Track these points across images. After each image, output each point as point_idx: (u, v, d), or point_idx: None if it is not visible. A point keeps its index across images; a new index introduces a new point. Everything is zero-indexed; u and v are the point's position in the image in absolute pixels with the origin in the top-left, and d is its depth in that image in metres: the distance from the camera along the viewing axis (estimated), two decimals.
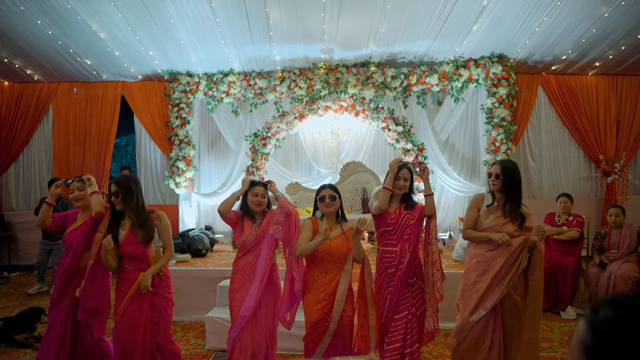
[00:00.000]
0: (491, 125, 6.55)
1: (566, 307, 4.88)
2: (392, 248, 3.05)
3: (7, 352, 3.96)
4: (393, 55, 6.50)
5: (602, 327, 0.77)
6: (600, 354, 0.75)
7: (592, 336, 0.77)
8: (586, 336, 0.78)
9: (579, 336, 0.80)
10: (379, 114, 6.60)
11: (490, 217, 3.01)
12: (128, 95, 7.30)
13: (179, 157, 6.99)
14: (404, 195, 3.13)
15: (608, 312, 0.77)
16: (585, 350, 0.77)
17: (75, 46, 6.14)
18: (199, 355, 3.82)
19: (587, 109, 6.99)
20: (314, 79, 6.75)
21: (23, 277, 6.72)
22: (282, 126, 6.74)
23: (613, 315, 0.77)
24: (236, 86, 6.92)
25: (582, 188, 7.21)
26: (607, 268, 4.90)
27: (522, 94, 6.87)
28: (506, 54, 6.48)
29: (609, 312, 0.77)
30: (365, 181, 6.64)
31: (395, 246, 3.04)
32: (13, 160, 7.44)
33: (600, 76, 7.04)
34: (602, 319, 0.77)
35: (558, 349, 3.94)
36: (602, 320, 0.77)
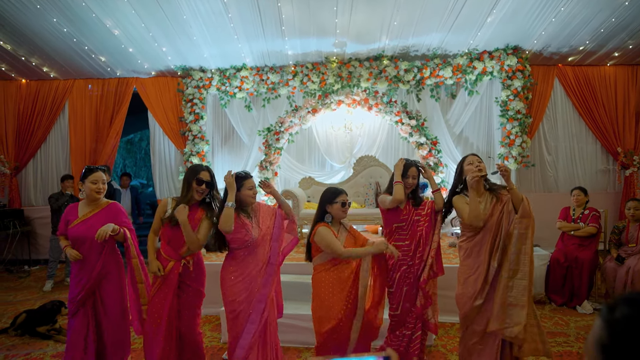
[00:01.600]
0: (506, 118, 6.48)
1: (582, 301, 4.82)
2: (404, 242, 3.12)
3: (31, 343, 4.07)
4: (406, 48, 6.45)
5: (618, 326, 0.76)
6: (616, 352, 0.75)
7: (608, 335, 0.77)
8: (602, 334, 0.78)
9: (595, 334, 0.80)
10: (392, 108, 6.56)
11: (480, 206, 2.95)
12: (142, 91, 7.37)
13: (192, 152, 7.05)
14: (412, 192, 3.22)
15: (625, 311, 0.77)
16: (601, 349, 0.77)
17: (90, 43, 6.21)
18: (215, 348, 3.87)
19: (605, 101, 6.86)
20: (327, 73, 6.73)
21: (43, 270, 6.86)
22: (295, 121, 6.75)
23: (630, 313, 0.76)
24: (249, 81, 6.93)
25: (599, 181, 7.10)
26: (625, 262, 4.82)
27: (537, 86, 6.77)
28: (521, 46, 6.38)
29: (625, 310, 0.77)
30: (379, 175, 6.62)
31: (405, 241, 3.12)
32: (31, 157, 7.59)
33: (619, 66, 6.89)
34: (619, 317, 0.77)
35: (574, 343, 3.91)
36: (618, 319, 0.77)
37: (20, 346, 3.99)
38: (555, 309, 4.86)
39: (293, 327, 3.84)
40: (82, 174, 3.06)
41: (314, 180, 6.82)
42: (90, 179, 3.01)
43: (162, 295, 2.89)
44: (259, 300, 2.82)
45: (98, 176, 3.03)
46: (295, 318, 3.85)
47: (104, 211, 3.07)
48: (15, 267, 7.00)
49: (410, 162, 3.19)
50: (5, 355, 3.79)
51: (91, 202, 3.07)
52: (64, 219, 3.06)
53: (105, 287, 3.04)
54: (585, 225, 5.00)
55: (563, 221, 5.21)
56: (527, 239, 2.79)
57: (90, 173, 3.03)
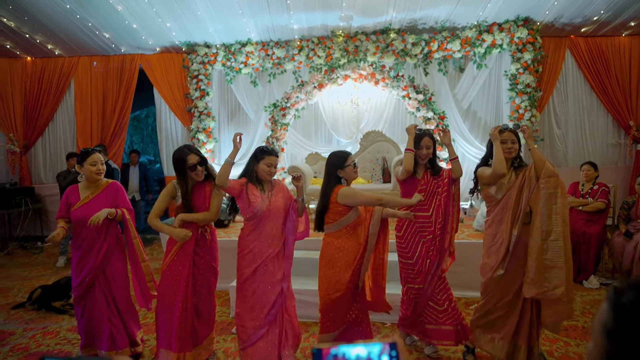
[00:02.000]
0: (515, 92, 6.37)
1: (589, 276, 4.85)
2: (425, 213, 3.09)
3: (47, 317, 4.20)
4: (413, 21, 6.31)
5: (625, 311, 0.76)
6: (622, 338, 0.75)
7: (614, 320, 0.76)
8: (608, 319, 0.77)
9: (601, 318, 0.80)
10: (399, 82, 6.47)
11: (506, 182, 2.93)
12: (147, 67, 7.33)
13: (199, 128, 7.04)
14: (429, 161, 3.16)
15: (632, 296, 0.76)
16: (606, 333, 0.77)
17: (93, 20, 6.15)
18: (225, 322, 3.97)
19: (619, 73, 6.70)
20: (333, 48, 6.63)
21: (55, 247, 6.99)
22: (301, 96, 6.69)
23: (637, 299, 0.76)
24: (254, 56, 6.85)
25: (610, 155, 7.01)
26: (634, 237, 4.81)
27: (548, 59, 6.62)
28: (532, 17, 6.21)
29: (632, 296, 0.76)
30: (386, 150, 6.59)
31: (428, 211, 3.09)
32: (39, 135, 7.64)
33: (634, 37, 6.70)
34: (626, 302, 0.76)
35: (580, 317, 3.94)
36: (625, 304, 0.76)
37: (38, 320, 4.12)
38: None
39: (301, 302, 3.90)
40: (79, 157, 3.06)
41: (320, 155, 6.81)
42: (89, 162, 3.03)
43: (178, 265, 2.93)
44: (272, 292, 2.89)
45: (96, 157, 3.05)
46: (303, 293, 3.92)
47: (104, 192, 3.11)
48: (28, 244, 7.15)
49: (423, 132, 3.11)
50: (24, 328, 3.93)
51: (91, 183, 3.09)
52: (65, 201, 3.08)
53: (113, 265, 3.11)
54: (593, 201, 4.98)
55: (572, 196, 5.18)
56: (558, 197, 2.68)
57: (87, 155, 3.05)
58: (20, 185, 7.44)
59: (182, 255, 2.94)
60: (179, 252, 2.94)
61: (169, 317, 2.93)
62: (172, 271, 2.94)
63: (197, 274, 3.02)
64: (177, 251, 2.94)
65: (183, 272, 2.93)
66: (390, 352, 0.80)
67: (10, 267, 6.08)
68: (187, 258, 2.94)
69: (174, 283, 2.93)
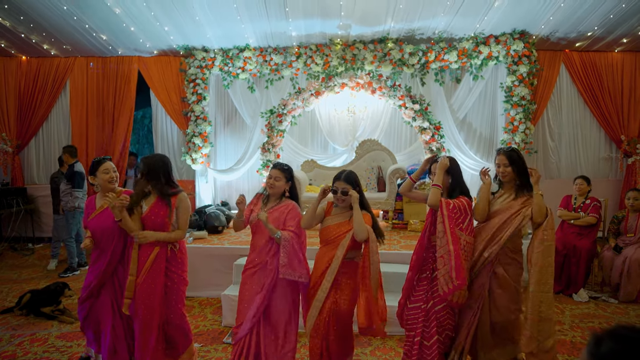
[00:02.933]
0: (510, 104, 6.43)
1: (579, 289, 4.90)
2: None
3: (36, 323, 4.16)
4: (411, 31, 6.35)
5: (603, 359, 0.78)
6: None
7: None
8: None
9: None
10: (396, 92, 6.51)
11: (500, 199, 3.00)
12: (144, 70, 7.30)
13: (195, 133, 7.03)
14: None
15: (610, 345, 0.79)
16: None
17: (90, 22, 6.12)
18: (216, 332, 3.95)
19: (611, 88, 6.80)
20: (331, 55, 6.65)
21: (47, 248, 6.94)
22: (298, 103, 6.70)
23: (615, 349, 0.78)
24: (252, 62, 6.86)
25: (602, 169, 7.10)
26: (622, 252, 4.89)
27: (543, 72, 6.70)
28: (528, 31, 6.28)
29: (611, 345, 0.79)
30: (381, 159, 6.63)
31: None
32: (33, 135, 7.58)
33: (627, 53, 6.81)
34: (604, 352, 0.79)
35: (568, 331, 3.98)
36: (604, 354, 0.79)
37: (26, 326, 4.08)
38: None
39: None
40: (92, 167, 3.07)
41: (316, 163, 6.82)
42: (102, 170, 3.03)
43: (150, 283, 2.89)
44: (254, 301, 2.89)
45: (108, 166, 3.06)
46: None
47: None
48: (19, 245, 7.09)
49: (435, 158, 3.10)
50: (11, 334, 3.88)
51: (106, 192, 3.05)
52: (86, 212, 3.12)
53: (120, 269, 3.09)
54: (585, 215, 5.03)
55: (564, 209, 5.24)
56: (552, 249, 2.84)
57: (99, 165, 3.05)
58: (12, 185, 7.37)
59: (154, 274, 2.91)
60: (150, 272, 2.90)
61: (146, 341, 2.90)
62: (143, 294, 2.89)
63: (170, 286, 3.00)
64: (148, 271, 2.89)
65: (156, 294, 2.91)
66: None
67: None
68: (159, 276, 2.93)
69: (149, 305, 2.89)
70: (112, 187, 3.07)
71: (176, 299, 3.03)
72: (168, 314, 3.00)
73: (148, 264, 2.91)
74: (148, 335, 2.91)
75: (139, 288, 2.91)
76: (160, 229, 2.95)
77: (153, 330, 2.91)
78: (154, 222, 2.93)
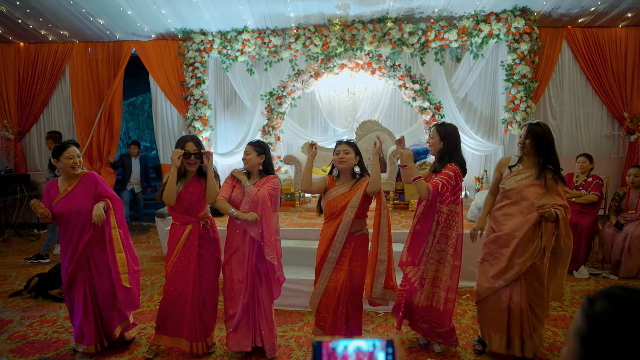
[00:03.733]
0: (511, 83, 6.38)
1: (579, 266, 4.93)
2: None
3: (45, 305, 4.24)
4: (411, 10, 6.27)
5: (597, 320, 0.80)
6: (594, 344, 0.79)
7: (587, 327, 0.81)
8: (582, 327, 0.82)
9: (575, 325, 0.84)
10: (396, 72, 6.46)
11: (518, 177, 2.96)
12: (142, 54, 7.26)
13: (195, 117, 7.03)
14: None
15: (604, 305, 0.80)
16: (580, 340, 0.81)
17: (87, 6, 6.07)
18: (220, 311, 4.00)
19: (614, 64, 6.71)
20: (330, 36, 6.59)
21: None
22: (298, 85, 6.67)
23: (608, 308, 0.80)
24: (250, 44, 6.81)
25: (604, 146, 7.06)
26: (624, 229, 4.90)
27: (544, 49, 6.62)
28: (530, 7, 6.19)
29: (605, 304, 0.80)
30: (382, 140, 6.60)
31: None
32: (35, 121, 7.59)
33: (631, 28, 6.69)
34: (598, 311, 0.80)
35: (569, 307, 4.03)
36: (598, 313, 0.80)
37: (35, 308, 4.16)
38: None
39: (295, 292, 3.96)
40: (55, 151, 3.04)
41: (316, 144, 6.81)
42: (65, 155, 3.01)
43: (184, 261, 2.99)
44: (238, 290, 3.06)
45: (72, 151, 3.03)
46: (297, 282, 3.97)
47: (80, 183, 3.09)
48: (24, 231, 7.17)
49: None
50: (21, 316, 3.97)
51: (69, 177, 3.09)
52: (46, 195, 3.09)
53: (95, 254, 3.11)
54: (587, 193, 5.03)
55: (566, 187, 5.23)
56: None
57: (63, 149, 3.02)
58: (15, 172, 7.42)
59: (187, 251, 3.01)
60: (184, 249, 3.00)
61: (181, 311, 3.01)
62: (178, 268, 3.00)
63: (202, 267, 3.09)
64: (182, 248, 3.00)
65: (190, 268, 3.00)
66: (387, 349, 0.84)
67: (6, 254, 6.11)
68: (193, 253, 3.02)
69: (182, 280, 3.00)
70: (75, 173, 3.07)
71: (211, 281, 3.12)
72: (204, 296, 3.09)
73: (180, 244, 2.98)
74: (182, 313, 3.00)
75: (172, 273, 3.00)
76: (196, 206, 3.05)
77: (186, 310, 2.99)
78: (192, 199, 3.03)
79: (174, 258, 3.01)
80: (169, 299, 3.02)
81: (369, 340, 0.85)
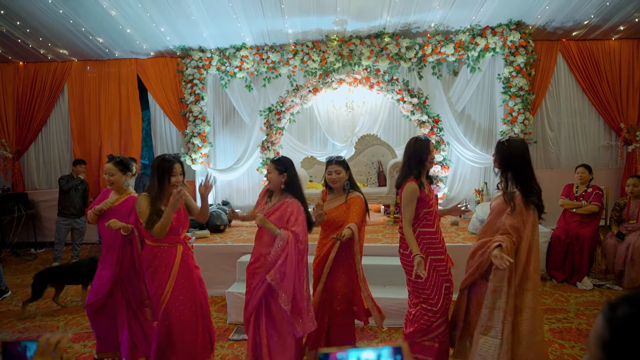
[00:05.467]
0: (508, 95, 6.42)
1: (583, 277, 4.89)
2: (431, 229, 2.83)
3: (42, 325, 4.17)
4: (407, 25, 6.35)
5: (619, 324, 0.78)
6: (617, 350, 0.77)
7: (609, 333, 0.79)
8: (604, 332, 0.80)
9: (596, 332, 0.82)
10: (394, 86, 6.50)
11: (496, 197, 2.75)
12: (141, 72, 7.31)
13: (194, 133, 7.03)
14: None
15: (626, 310, 0.79)
16: (602, 346, 0.79)
17: (87, 24, 6.12)
18: (222, 329, 3.96)
19: (609, 76, 6.79)
20: (327, 52, 6.65)
21: (49, 253, 6.94)
22: (296, 100, 6.70)
23: (631, 312, 0.78)
24: (249, 61, 6.86)
25: (602, 157, 7.08)
26: (626, 239, 4.88)
27: (540, 62, 6.69)
28: (524, 21, 6.27)
29: (627, 309, 0.79)
30: (381, 154, 6.63)
31: (432, 227, 2.84)
32: (33, 140, 7.58)
33: (624, 40, 6.79)
34: (620, 316, 0.79)
35: (574, 319, 3.98)
36: (620, 318, 0.79)
37: (32, 329, 4.09)
38: (556, 285, 4.93)
39: None
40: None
41: (315, 159, 6.83)
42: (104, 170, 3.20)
43: (187, 285, 2.90)
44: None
45: (105, 168, 3.17)
46: None
47: (123, 203, 3.19)
48: (21, 250, 7.09)
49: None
50: (17, 337, 3.88)
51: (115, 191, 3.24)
52: (99, 200, 3.24)
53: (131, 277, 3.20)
54: (587, 204, 5.03)
55: (566, 198, 5.24)
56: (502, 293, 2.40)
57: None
58: (13, 191, 7.37)
59: (186, 273, 2.92)
60: (182, 273, 2.89)
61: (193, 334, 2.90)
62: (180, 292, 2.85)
63: (201, 279, 3.08)
64: (179, 273, 2.87)
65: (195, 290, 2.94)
66: (395, 357, 0.82)
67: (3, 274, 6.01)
68: (193, 276, 2.97)
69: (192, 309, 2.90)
70: (111, 187, 3.21)
71: (205, 292, 3.09)
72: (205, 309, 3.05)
73: (176, 264, 2.89)
74: (193, 342, 2.89)
75: (173, 295, 2.83)
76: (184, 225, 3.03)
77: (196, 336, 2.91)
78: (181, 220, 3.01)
79: (172, 283, 2.82)
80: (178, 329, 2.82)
81: (376, 350, 0.83)
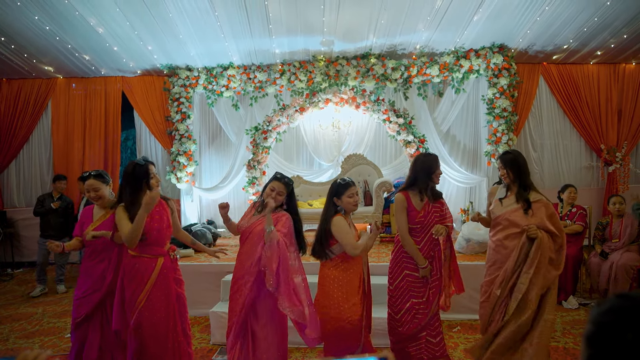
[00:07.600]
0: (492, 116, 6.54)
1: (568, 297, 4.91)
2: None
3: (14, 348, 3.99)
4: (393, 46, 6.47)
5: (603, 317, 0.79)
6: (600, 342, 0.77)
7: (593, 326, 0.80)
8: (589, 328, 0.81)
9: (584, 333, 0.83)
10: (380, 106, 6.57)
11: (505, 202, 3.09)
12: (127, 90, 7.28)
13: (179, 151, 6.98)
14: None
15: (614, 301, 0.80)
16: (587, 342, 0.80)
17: (73, 42, 6.10)
18: (205, 350, 3.85)
19: (589, 98, 6.97)
20: (314, 72, 6.72)
21: (27, 273, 6.75)
22: (283, 119, 6.72)
23: (614, 304, 0.79)
24: (236, 80, 6.89)
25: (584, 178, 7.21)
26: (609, 258, 4.93)
27: (523, 84, 6.85)
28: (507, 44, 6.44)
29: (615, 301, 0.80)
30: (367, 173, 6.65)
31: (420, 244, 3.06)
32: (13, 158, 7.43)
33: (601, 65, 7.00)
34: (603, 309, 0.80)
35: (560, 338, 3.97)
36: (603, 311, 0.80)
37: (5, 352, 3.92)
38: None
39: None
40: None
41: (302, 179, 6.81)
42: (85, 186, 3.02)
43: (163, 300, 2.78)
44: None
45: (88, 183, 2.98)
46: None
47: (111, 217, 2.99)
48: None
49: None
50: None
51: (100, 206, 3.06)
52: (80, 222, 3.05)
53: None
54: (572, 223, 5.08)
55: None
56: None
57: (83, 181, 3.05)
58: None
59: (163, 287, 2.80)
60: (160, 286, 2.77)
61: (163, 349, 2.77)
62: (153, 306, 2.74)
63: (180, 294, 2.97)
64: (154, 282, 2.76)
65: (170, 307, 2.81)
66: None
67: None
68: (171, 289, 2.85)
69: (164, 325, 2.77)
70: (97, 204, 3.05)
71: (185, 309, 2.98)
72: (184, 326, 2.93)
73: (154, 277, 2.76)
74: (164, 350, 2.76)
75: (145, 307, 2.71)
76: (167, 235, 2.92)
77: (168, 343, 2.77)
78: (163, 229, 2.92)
79: (145, 295, 2.72)
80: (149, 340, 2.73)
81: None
